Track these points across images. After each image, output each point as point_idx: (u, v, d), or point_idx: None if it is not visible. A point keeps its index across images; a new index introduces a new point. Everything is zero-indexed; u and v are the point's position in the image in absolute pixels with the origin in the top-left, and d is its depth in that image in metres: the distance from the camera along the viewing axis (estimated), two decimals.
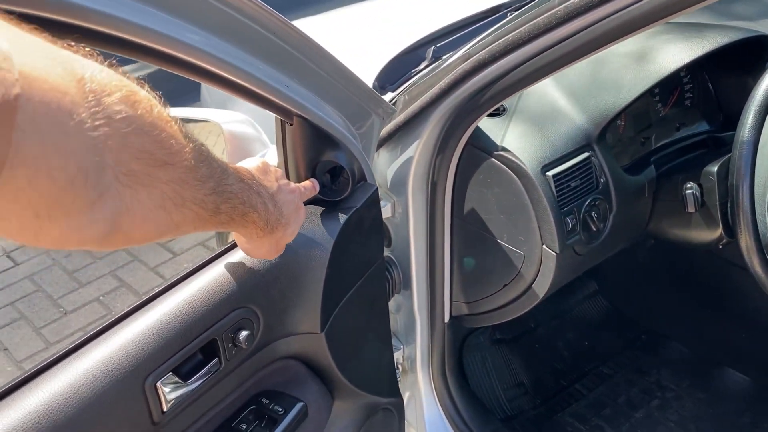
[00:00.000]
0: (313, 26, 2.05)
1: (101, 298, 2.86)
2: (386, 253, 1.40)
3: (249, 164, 0.78)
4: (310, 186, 0.93)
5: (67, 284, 2.95)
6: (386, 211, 1.31)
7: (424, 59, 1.50)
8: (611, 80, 1.30)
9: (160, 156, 0.50)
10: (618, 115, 1.26)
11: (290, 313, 0.95)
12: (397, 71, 1.50)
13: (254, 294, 0.89)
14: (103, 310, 2.78)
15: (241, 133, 1.02)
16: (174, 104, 1.20)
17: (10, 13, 0.39)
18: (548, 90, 1.28)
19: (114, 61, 0.48)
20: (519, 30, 0.97)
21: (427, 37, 1.65)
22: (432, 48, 1.55)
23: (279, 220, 0.77)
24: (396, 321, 1.50)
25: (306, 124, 0.91)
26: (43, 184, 0.39)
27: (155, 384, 0.77)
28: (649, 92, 1.38)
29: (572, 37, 0.92)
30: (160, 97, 0.53)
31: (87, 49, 0.46)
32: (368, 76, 1.49)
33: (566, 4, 0.90)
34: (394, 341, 1.53)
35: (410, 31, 1.69)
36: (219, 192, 0.61)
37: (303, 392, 1.01)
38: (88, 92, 0.42)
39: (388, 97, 1.33)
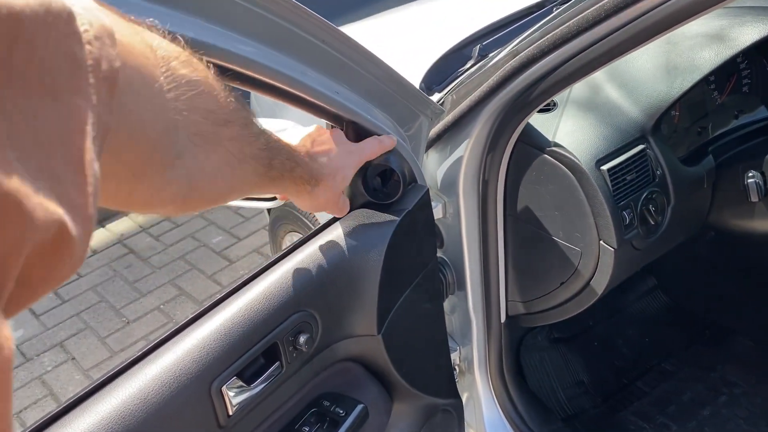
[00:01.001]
0: (361, 29, 2.07)
1: (162, 306, 2.94)
2: (439, 254, 1.40)
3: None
4: (383, 139, 0.94)
5: (128, 294, 3.05)
6: (437, 212, 1.31)
7: (470, 58, 1.49)
8: (664, 70, 1.27)
9: (221, 115, 0.54)
10: (672, 106, 1.23)
11: (347, 316, 0.96)
12: (443, 71, 1.50)
13: (312, 297, 0.90)
14: (164, 318, 2.86)
15: (289, 139, 1.03)
16: None
17: None
18: (599, 83, 1.26)
19: (166, 33, 0.50)
20: (567, 24, 0.96)
21: (472, 35, 1.65)
22: (478, 46, 1.54)
23: (322, 172, 0.81)
24: (451, 322, 1.49)
25: (356, 129, 0.92)
26: (140, 140, 0.43)
27: (221, 388, 0.79)
28: (705, 80, 1.35)
29: (622, 29, 0.90)
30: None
31: (147, 21, 0.49)
32: (415, 77, 1.50)
33: None
34: (450, 342, 1.52)
35: (455, 31, 1.68)
36: (269, 147, 0.66)
37: (363, 394, 1.02)
38: (160, 58, 0.45)
39: (435, 97, 1.33)
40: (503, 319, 1.42)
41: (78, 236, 0.30)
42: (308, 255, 0.93)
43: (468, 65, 1.45)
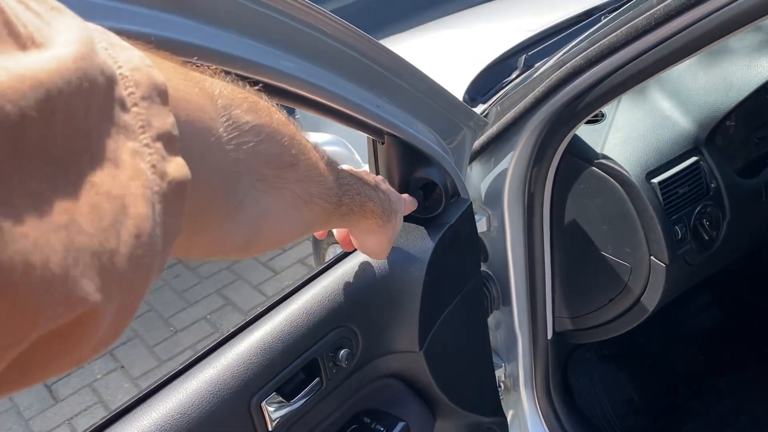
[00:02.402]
0: (406, 42, 2.07)
1: (208, 316, 2.98)
2: (483, 268, 1.37)
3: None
4: (409, 200, 0.93)
5: (176, 304, 3.10)
6: (481, 226, 1.29)
7: (515, 69, 1.47)
8: (718, 79, 1.22)
9: (286, 158, 0.53)
10: (727, 116, 1.18)
11: (389, 332, 0.94)
12: (487, 82, 1.49)
13: (353, 313, 0.89)
14: (210, 328, 2.90)
15: (333, 153, 1.03)
16: None
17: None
18: (650, 93, 1.22)
19: (235, 76, 0.50)
20: (616, 33, 0.93)
21: (517, 45, 1.63)
22: (523, 57, 1.52)
23: (392, 207, 0.78)
24: (496, 338, 1.46)
25: (397, 143, 0.91)
26: (193, 195, 0.41)
27: (260, 404, 0.78)
28: (763, 89, 1.29)
29: (672, 38, 0.87)
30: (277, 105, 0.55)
31: (213, 67, 0.48)
32: (459, 89, 1.48)
33: (666, 3, 0.86)
34: (494, 359, 1.49)
35: (501, 42, 1.66)
36: (339, 185, 0.64)
37: (404, 411, 1.00)
38: (220, 108, 0.44)
39: (479, 109, 1.31)
40: (550, 335, 1.39)
41: (109, 313, 0.27)
42: (349, 269, 0.92)
43: (513, 76, 1.43)
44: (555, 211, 1.23)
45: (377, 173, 0.97)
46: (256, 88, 0.53)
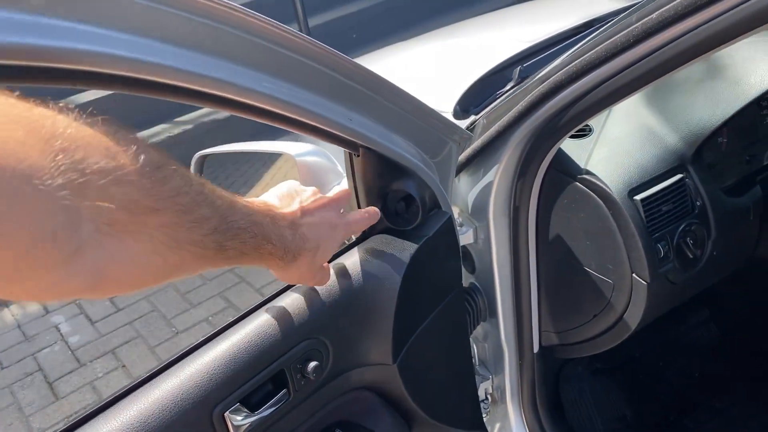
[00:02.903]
0: (406, 51, 2.06)
1: (210, 318, 2.99)
2: (471, 279, 1.37)
3: (273, 192, 0.80)
4: (370, 212, 0.91)
5: (179, 305, 3.12)
6: (468, 237, 1.29)
7: (510, 80, 1.46)
8: (705, 95, 1.21)
9: (146, 203, 0.50)
10: (715, 133, 1.17)
11: (361, 344, 0.94)
12: (481, 94, 1.48)
13: (323, 325, 0.89)
14: (210, 329, 2.90)
15: (314, 164, 1.03)
16: (260, 137, 1.24)
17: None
18: (638, 109, 1.21)
19: (94, 112, 0.48)
20: (596, 50, 0.92)
21: (514, 56, 1.62)
22: (518, 68, 1.51)
23: (302, 246, 0.76)
24: (485, 350, 1.46)
25: (372, 155, 0.91)
26: (6, 244, 0.39)
27: (223, 414, 0.79)
28: (757, 104, 1.28)
29: (651, 55, 0.86)
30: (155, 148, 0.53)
31: (60, 104, 0.46)
32: (451, 99, 1.48)
33: (644, 20, 0.85)
34: (482, 370, 1.49)
35: (498, 53, 1.66)
36: (222, 230, 0.60)
37: (377, 423, 1.00)
38: (57, 150, 0.42)
39: (469, 120, 1.31)
40: (536, 349, 1.38)
41: None
42: None
43: (507, 87, 1.42)
44: (540, 225, 1.22)
45: (354, 185, 0.97)
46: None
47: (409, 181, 0.97)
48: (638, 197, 1.10)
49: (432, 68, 1.76)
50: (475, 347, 1.47)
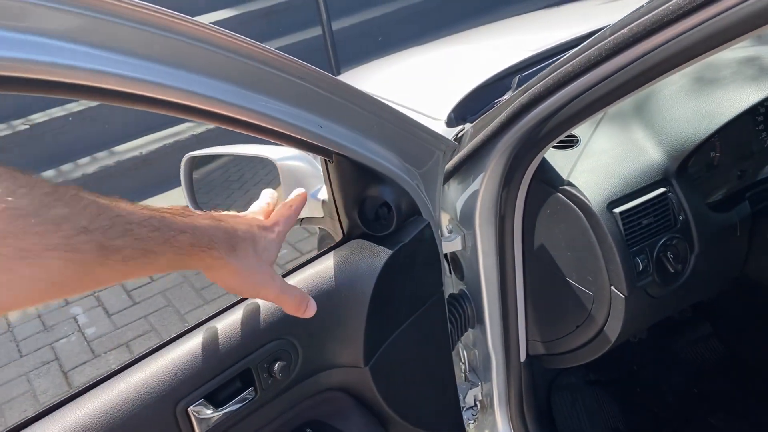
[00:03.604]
0: (413, 57, 2.08)
1: None
2: (460, 286, 1.38)
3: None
4: (297, 198, 0.87)
5: (193, 300, 3.18)
6: (457, 244, 1.30)
7: (509, 89, 1.47)
8: (693, 109, 1.20)
9: None
10: (700, 147, 1.16)
11: (331, 346, 0.96)
12: (480, 102, 1.49)
13: (292, 326, 0.91)
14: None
15: (295, 168, 1.06)
16: (251, 141, 1.25)
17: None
18: (626, 121, 1.21)
19: None
20: (571, 63, 0.93)
21: (515, 65, 1.62)
22: (517, 77, 1.52)
23: (233, 235, 0.70)
24: (475, 356, 1.46)
25: (346, 161, 0.93)
26: None
27: (186, 409, 0.81)
28: (752, 119, 1.26)
29: (623, 69, 0.86)
30: None
31: None
32: (447, 107, 1.49)
33: (616, 35, 0.86)
34: (472, 377, 1.49)
35: (498, 62, 1.66)
36: (99, 229, 0.54)
37: (349, 425, 1.02)
38: None
39: (458, 129, 1.32)
40: (523, 357, 1.38)
41: None
42: (295, 284, 0.94)
43: (506, 96, 1.43)
44: (526, 235, 1.23)
45: (331, 191, 0.99)
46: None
47: (384, 187, 0.98)
48: (617, 210, 1.10)
49: (434, 75, 1.78)
50: (465, 354, 1.48)
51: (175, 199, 3.74)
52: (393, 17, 5.23)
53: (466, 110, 1.47)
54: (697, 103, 1.21)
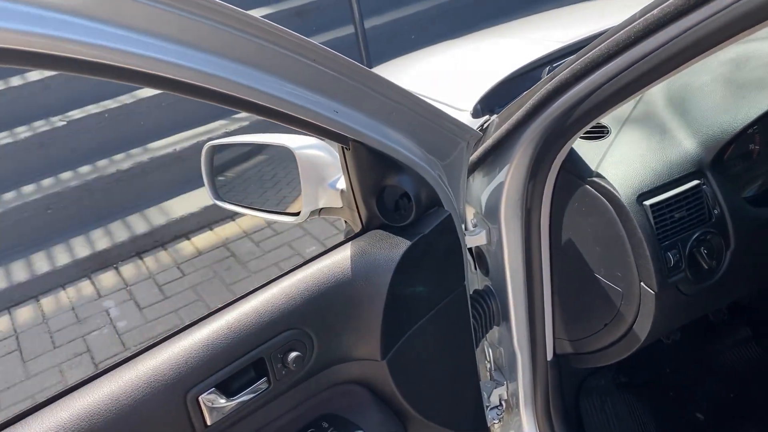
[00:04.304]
0: (444, 53, 2.05)
1: None
2: (485, 282, 1.35)
3: None
4: None
5: (223, 295, 3.19)
6: (481, 239, 1.26)
7: (538, 80, 1.43)
8: (730, 98, 1.14)
9: None
10: (737, 138, 1.10)
11: (347, 338, 0.94)
12: (508, 93, 1.45)
13: (308, 316, 0.89)
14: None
15: (314, 157, 1.04)
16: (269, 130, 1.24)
17: None
18: (659, 111, 1.16)
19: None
20: (599, 47, 0.89)
21: (545, 56, 1.58)
22: (547, 68, 1.48)
23: None
24: (501, 354, 1.43)
25: (363, 149, 0.90)
26: None
27: (197, 397, 0.80)
28: None
29: (655, 52, 0.82)
30: None
31: None
32: (474, 99, 1.45)
33: (646, 16, 0.82)
34: (497, 376, 1.46)
35: (532, 52, 1.62)
36: None
37: (365, 419, 1.00)
38: None
39: (483, 119, 1.29)
40: (550, 356, 1.34)
41: None
42: (309, 274, 0.92)
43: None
44: (554, 229, 1.19)
45: (349, 180, 0.97)
46: None
47: (403, 176, 0.96)
48: (648, 202, 1.05)
49: (462, 68, 1.74)
50: (491, 351, 1.44)
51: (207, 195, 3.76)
52: (426, 15, 5.19)
53: (493, 101, 1.44)
54: (735, 92, 1.15)
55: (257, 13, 4.88)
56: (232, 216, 3.82)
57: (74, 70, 0.61)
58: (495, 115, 1.21)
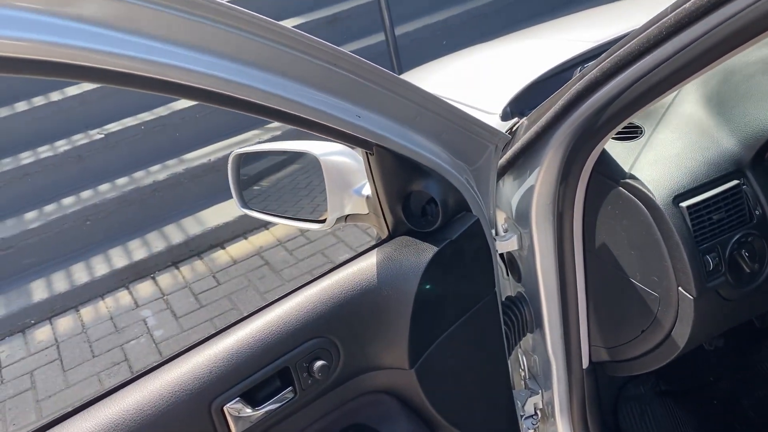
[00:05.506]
0: (476, 54, 2.03)
1: None
2: (518, 289, 1.32)
3: None
4: None
5: (257, 304, 3.19)
6: (512, 244, 1.24)
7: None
8: None
9: None
10: None
11: (374, 347, 0.92)
12: (538, 95, 1.42)
13: (333, 324, 0.88)
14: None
15: (339, 163, 1.03)
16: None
17: None
18: (694, 109, 1.12)
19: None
20: (629, 45, 0.86)
21: (576, 57, 1.55)
22: (579, 69, 1.44)
23: None
24: (535, 363, 1.39)
25: (388, 154, 0.89)
26: None
27: (222, 407, 0.79)
28: None
29: (687, 48, 0.79)
30: None
31: None
32: (503, 102, 1.43)
33: (678, 10, 0.79)
34: (532, 384, 1.42)
35: (562, 53, 1.59)
36: None
37: (394, 429, 0.98)
38: None
39: (512, 122, 1.26)
40: (586, 364, 1.30)
41: None
42: (335, 281, 0.91)
43: None
44: (586, 233, 1.16)
45: (374, 185, 0.96)
46: None
47: (429, 181, 0.94)
48: (684, 204, 1.01)
49: (491, 71, 1.72)
50: (525, 359, 1.41)
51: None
52: (457, 20, 5.16)
53: (523, 104, 1.41)
54: None
55: (291, 22, 4.93)
56: (266, 225, 3.84)
57: (122, 83, 0.62)
58: (524, 118, 1.18)
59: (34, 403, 2.88)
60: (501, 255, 1.31)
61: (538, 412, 1.44)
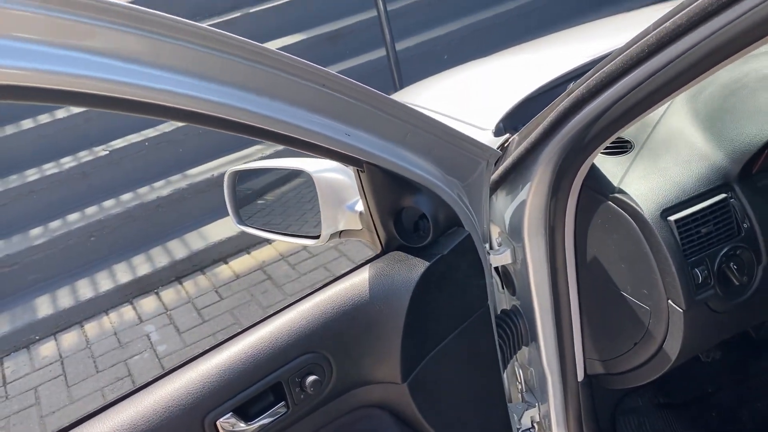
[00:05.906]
0: (468, 71, 2.05)
1: None
2: (512, 302, 1.33)
3: None
4: None
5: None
6: (506, 257, 1.25)
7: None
8: (755, 107, 1.11)
9: None
10: (764, 149, 1.07)
11: (366, 361, 0.94)
12: (532, 111, 1.44)
13: (326, 339, 0.89)
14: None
15: (332, 180, 1.04)
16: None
17: None
18: (682, 124, 1.13)
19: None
20: (613, 63, 0.88)
21: (570, 72, 1.57)
22: (572, 84, 1.46)
23: None
24: (531, 376, 1.40)
25: (378, 171, 0.91)
26: None
27: (215, 422, 0.80)
28: None
29: (669, 65, 0.81)
30: None
31: None
32: (496, 118, 1.45)
33: (659, 29, 0.80)
34: (529, 397, 1.43)
35: (558, 67, 1.61)
36: None
37: None
38: None
39: (503, 138, 1.28)
40: (581, 377, 1.31)
41: None
42: (327, 296, 0.93)
43: None
44: (578, 247, 1.17)
45: (366, 202, 0.97)
46: None
47: (420, 197, 0.96)
48: (672, 218, 1.03)
49: (485, 87, 1.74)
50: (521, 373, 1.42)
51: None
52: (457, 35, 5.20)
53: (516, 120, 1.43)
54: (761, 99, 1.12)
55: (292, 39, 4.97)
56: (269, 239, 3.87)
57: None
58: (515, 134, 1.20)
59: (39, 418, 2.89)
60: (496, 268, 1.32)
61: (535, 425, 1.44)
